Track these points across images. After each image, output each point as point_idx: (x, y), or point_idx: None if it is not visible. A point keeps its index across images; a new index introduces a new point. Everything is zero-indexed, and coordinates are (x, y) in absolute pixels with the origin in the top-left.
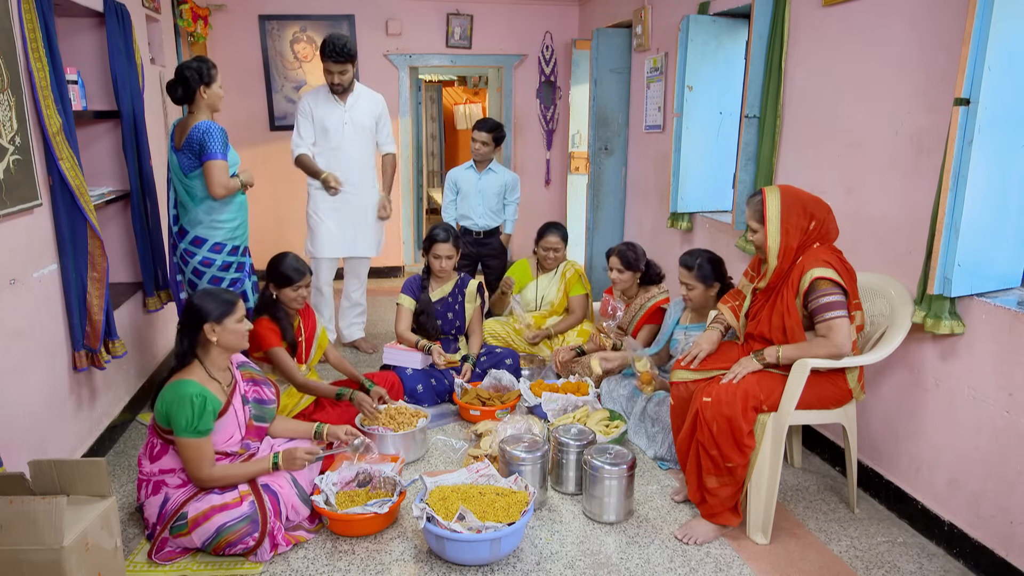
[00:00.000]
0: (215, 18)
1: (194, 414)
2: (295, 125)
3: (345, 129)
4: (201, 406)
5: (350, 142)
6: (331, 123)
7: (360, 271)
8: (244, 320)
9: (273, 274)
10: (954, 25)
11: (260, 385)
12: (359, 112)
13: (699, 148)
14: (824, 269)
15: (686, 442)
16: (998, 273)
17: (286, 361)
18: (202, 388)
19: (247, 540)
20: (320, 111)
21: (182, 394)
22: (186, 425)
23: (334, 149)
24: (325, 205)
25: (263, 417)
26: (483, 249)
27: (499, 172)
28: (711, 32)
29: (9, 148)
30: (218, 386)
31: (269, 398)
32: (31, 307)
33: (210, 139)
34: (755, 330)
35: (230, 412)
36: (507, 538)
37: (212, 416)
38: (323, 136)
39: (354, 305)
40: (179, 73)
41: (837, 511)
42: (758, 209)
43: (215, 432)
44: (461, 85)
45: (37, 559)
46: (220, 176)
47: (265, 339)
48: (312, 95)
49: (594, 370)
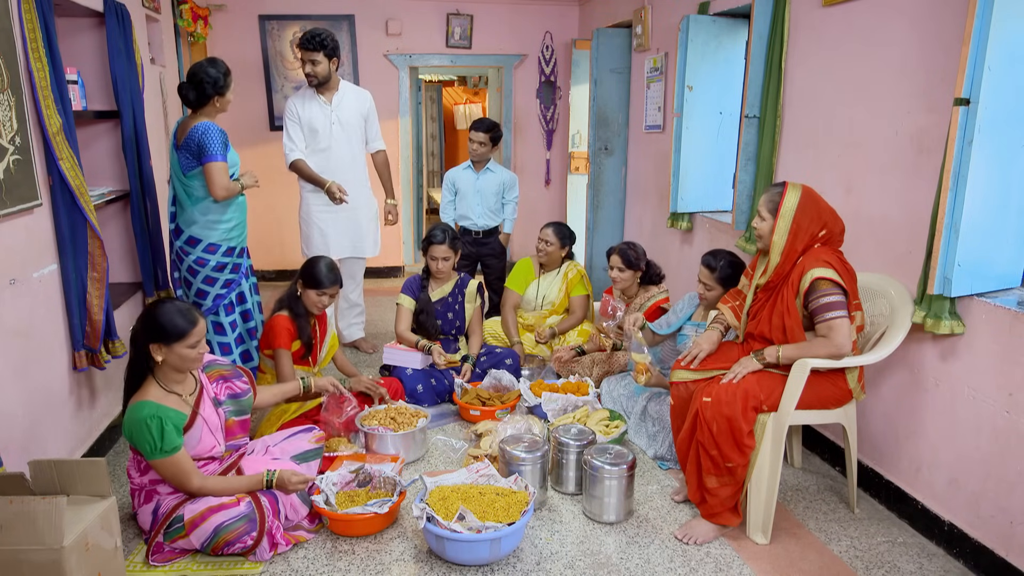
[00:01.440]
0: (215, 18)
1: (154, 437)
2: (284, 130)
3: (333, 129)
4: (159, 427)
5: (339, 142)
6: (319, 124)
7: (355, 272)
8: (200, 343)
9: (305, 273)
10: (954, 25)
11: (230, 380)
12: (346, 111)
13: (699, 148)
14: (824, 269)
15: (686, 442)
16: (998, 273)
17: (285, 365)
18: (156, 408)
19: (245, 539)
20: (307, 112)
21: (138, 419)
22: (151, 449)
23: (324, 150)
24: (318, 208)
25: (242, 410)
26: (483, 249)
27: (497, 171)
28: (711, 32)
29: (9, 148)
30: (177, 399)
31: (243, 390)
32: (31, 307)
33: (209, 140)
34: (755, 330)
35: (198, 422)
36: (507, 538)
37: (176, 433)
38: (312, 137)
39: (352, 306)
40: (194, 78)
41: (837, 511)
42: (775, 200)
43: (190, 444)
44: (461, 85)
45: (37, 559)
46: (221, 178)
47: (278, 337)
48: (298, 98)
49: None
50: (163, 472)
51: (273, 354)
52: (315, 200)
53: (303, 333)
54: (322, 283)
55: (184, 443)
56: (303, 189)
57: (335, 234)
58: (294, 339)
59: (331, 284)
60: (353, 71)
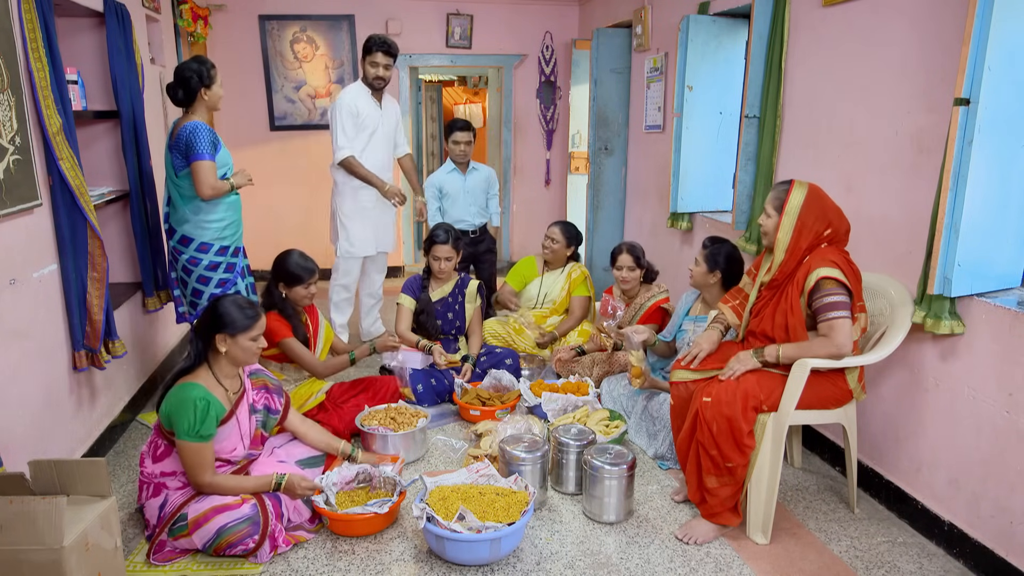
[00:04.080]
0: (215, 18)
1: (196, 418)
2: (339, 125)
3: (379, 131)
4: (204, 410)
5: (383, 144)
6: (371, 122)
7: (383, 265)
8: (260, 339)
9: (282, 274)
10: (954, 25)
11: (271, 394)
12: (388, 114)
13: (699, 148)
14: (830, 269)
15: (686, 442)
16: (998, 273)
17: (300, 350)
18: (206, 392)
19: (248, 541)
20: (363, 108)
21: (185, 397)
22: (188, 428)
23: (375, 146)
24: (355, 205)
25: (266, 425)
26: (479, 247)
27: (480, 169)
28: (711, 32)
29: (9, 148)
30: (224, 393)
31: (276, 408)
32: (31, 307)
33: (196, 139)
34: (757, 327)
35: (232, 422)
36: (507, 538)
37: (214, 421)
38: (365, 133)
39: (376, 301)
40: (179, 74)
41: (837, 511)
42: (781, 198)
43: (217, 440)
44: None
45: (37, 559)
46: (207, 177)
47: (277, 331)
48: (352, 95)
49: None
50: (184, 456)
51: (281, 347)
52: (366, 197)
53: (297, 332)
54: (303, 277)
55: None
56: (347, 185)
57: (383, 228)
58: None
59: (312, 273)
60: (353, 71)
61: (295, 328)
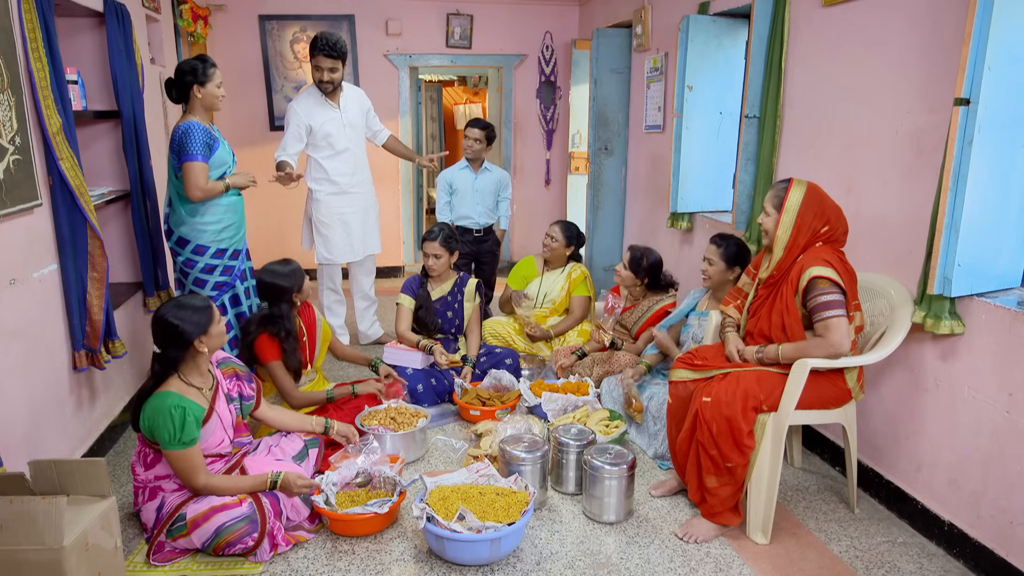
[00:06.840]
0: (215, 18)
1: (175, 426)
2: (286, 134)
3: (346, 131)
4: (181, 417)
5: (352, 143)
6: (332, 128)
7: (371, 267)
8: (220, 318)
9: (270, 292)
10: (954, 25)
11: (242, 380)
12: (352, 112)
13: (699, 148)
14: (823, 268)
15: (685, 442)
16: (998, 273)
17: (282, 376)
18: (180, 399)
19: (246, 540)
20: (317, 118)
21: (160, 407)
22: (169, 438)
23: (342, 152)
24: (332, 210)
25: (243, 412)
26: (482, 247)
27: (493, 171)
28: (711, 32)
29: (9, 148)
30: (197, 392)
31: (248, 395)
32: (31, 307)
33: (188, 140)
34: (755, 327)
35: (214, 418)
36: (507, 538)
37: (195, 425)
38: (326, 142)
39: (371, 303)
40: (175, 71)
41: (837, 511)
42: (780, 196)
43: (203, 438)
44: (461, 85)
45: (37, 559)
46: (196, 178)
47: (265, 353)
48: (302, 103)
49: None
50: (174, 464)
51: (267, 369)
52: (338, 202)
53: (291, 360)
54: (296, 287)
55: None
56: (318, 193)
57: (359, 232)
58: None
59: (304, 278)
60: (353, 71)
61: (287, 354)
